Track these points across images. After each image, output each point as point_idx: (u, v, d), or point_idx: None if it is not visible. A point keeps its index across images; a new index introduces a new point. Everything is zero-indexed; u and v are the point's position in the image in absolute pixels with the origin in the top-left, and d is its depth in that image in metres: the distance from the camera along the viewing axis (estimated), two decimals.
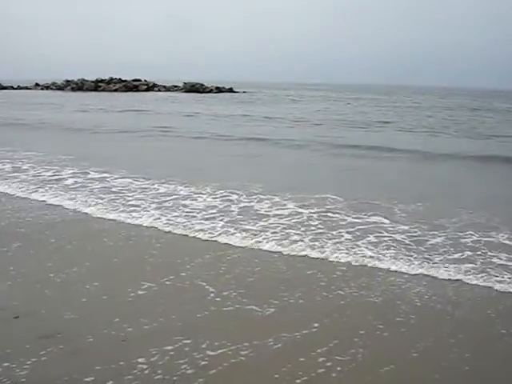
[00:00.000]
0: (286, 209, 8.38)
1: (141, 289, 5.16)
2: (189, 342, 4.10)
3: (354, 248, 6.51)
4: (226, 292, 5.09)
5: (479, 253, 6.42)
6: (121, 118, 27.64)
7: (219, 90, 65.93)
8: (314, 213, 8.11)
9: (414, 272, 5.80)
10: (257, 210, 8.27)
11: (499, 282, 5.57)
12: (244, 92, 67.36)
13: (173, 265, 5.87)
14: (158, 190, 9.72)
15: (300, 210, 8.27)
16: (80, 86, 64.16)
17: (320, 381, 3.63)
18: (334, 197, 9.15)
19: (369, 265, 6.00)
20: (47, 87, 68.72)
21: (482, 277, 5.67)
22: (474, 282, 5.58)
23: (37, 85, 71.30)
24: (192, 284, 5.32)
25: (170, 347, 4.01)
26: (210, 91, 64.26)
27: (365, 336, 4.26)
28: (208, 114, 29.52)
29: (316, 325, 4.43)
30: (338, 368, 3.77)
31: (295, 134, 19.92)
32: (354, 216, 7.95)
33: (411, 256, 6.25)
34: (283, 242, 6.72)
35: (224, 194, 9.35)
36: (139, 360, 3.81)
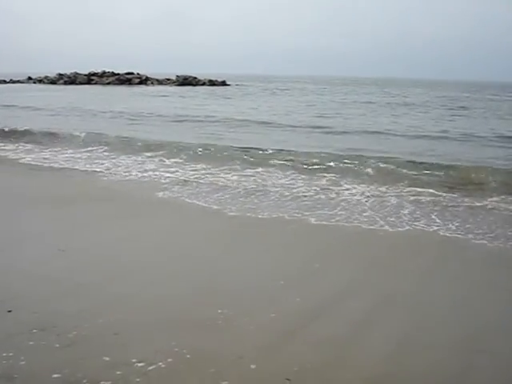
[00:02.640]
0: None
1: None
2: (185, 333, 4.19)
3: None
4: None
5: None
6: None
7: (212, 83, 65.69)
8: None
9: None
10: None
11: None
12: (237, 85, 67.36)
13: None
14: None
15: None
16: (73, 80, 63.64)
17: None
18: None
19: None
20: (40, 81, 68.10)
21: None
22: None
23: (29, 78, 70.62)
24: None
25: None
26: (203, 84, 64.01)
27: None
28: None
29: None
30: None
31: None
32: None
33: None
34: None
35: None
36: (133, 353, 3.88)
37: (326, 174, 11.16)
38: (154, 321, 4.41)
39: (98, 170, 11.68)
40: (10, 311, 4.47)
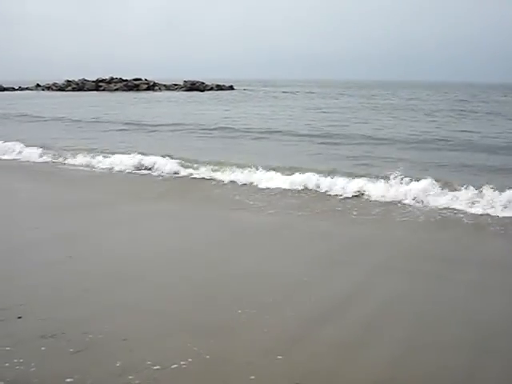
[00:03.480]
0: None
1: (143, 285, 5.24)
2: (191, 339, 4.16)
3: None
4: None
5: None
6: None
7: (220, 87, 65.99)
8: None
9: None
10: None
11: None
12: (244, 89, 67.72)
13: None
14: None
15: None
16: (81, 87, 64.11)
17: None
18: None
19: None
20: (48, 88, 68.62)
21: None
22: None
23: (38, 85, 71.18)
24: None
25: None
26: (211, 89, 64.29)
27: None
28: None
29: None
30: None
31: None
32: None
33: None
34: None
35: None
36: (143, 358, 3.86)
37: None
38: (168, 324, 4.39)
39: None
40: (19, 317, 4.46)
